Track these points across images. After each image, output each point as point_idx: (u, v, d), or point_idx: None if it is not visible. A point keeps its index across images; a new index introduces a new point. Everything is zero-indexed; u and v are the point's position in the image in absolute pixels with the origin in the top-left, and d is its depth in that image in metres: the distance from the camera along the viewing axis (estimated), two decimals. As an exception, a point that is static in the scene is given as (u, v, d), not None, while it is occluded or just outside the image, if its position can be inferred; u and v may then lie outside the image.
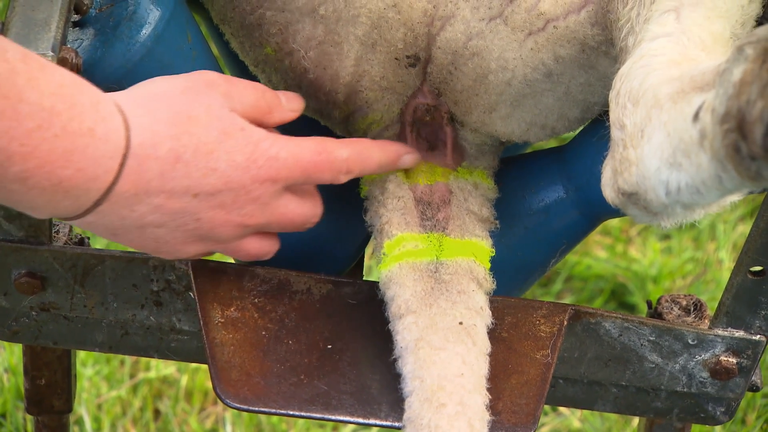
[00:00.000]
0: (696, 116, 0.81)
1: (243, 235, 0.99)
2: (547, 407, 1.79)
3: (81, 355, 1.77)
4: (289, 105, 1.03)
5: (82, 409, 1.71)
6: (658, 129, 0.85)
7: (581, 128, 1.13)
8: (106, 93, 0.91)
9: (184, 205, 0.94)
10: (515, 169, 1.15)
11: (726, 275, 1.91)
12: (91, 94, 0.89)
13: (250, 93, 1.00)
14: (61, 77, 0.87)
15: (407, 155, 1.08)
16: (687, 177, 0.82)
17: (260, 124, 1.00)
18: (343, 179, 1.02)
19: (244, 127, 0.97)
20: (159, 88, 0.96)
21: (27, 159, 0.84)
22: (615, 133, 0.90)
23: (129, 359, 1.79)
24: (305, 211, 1.02)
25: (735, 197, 0.88)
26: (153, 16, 1.02)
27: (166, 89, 0.95)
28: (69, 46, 1.01)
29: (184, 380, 1.77)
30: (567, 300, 1.98)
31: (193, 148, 0.93)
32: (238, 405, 1.01)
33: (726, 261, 1.98)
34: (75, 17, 1.03)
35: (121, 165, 0.90)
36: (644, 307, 1.16)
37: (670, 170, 0.84)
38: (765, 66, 0.75)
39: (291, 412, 1.02)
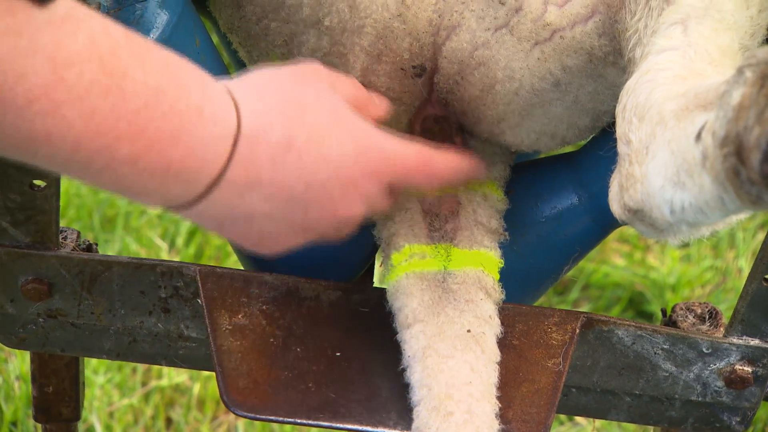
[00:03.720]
0: (698, 136, 0.80)
1: (342, 230, 0.97)
2: (563, 416, 1.78)
3: (93, 362, 1.77)
4: (381, 102, 1.03)
5: (94, 417, 1.71)
6: (663, 147, 0.84)
7: (592, 136, 1.12)
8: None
9: (296, 195, 0.91)
10: (527, 176, 1.14)
11: (745, 284, 1.89)
12: (198, 74, 0.87)
13: (350, 84, 0.99)
14: (166, 56, 0.85)
15: (473, 169, 1.04)
16: (690, 197, 0.82)
17: None
18: (433, 189, 1.00)
19: (353, 116, 0.95)
20: (266, 75, 0.93)
21: (135, 139, 0.82)
22: (621, 147, 0.89)
23: (141, 367, 1.78)
24: (388, 205, 0.99)
25: (741, 216, 0.87)
26: (160, 20, 1.01)
27: (273, 76, 0.93)
28: (76, 50, 1.00)
29: (197, 388, 1.77)
30: (584, 308, 1.96)
31: (305, 135, 0.91)
32: (245, 413, 1.00)
33: (745, 269, 1.96)
34: (82, 22, 1.02)
35: (233, 148, 0.87)
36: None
37: (674, 189, 0.83)
38: (763, 91, 0.74)
39: (298, 420, 1.01)
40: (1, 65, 0.75)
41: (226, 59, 1.33)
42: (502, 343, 1.03)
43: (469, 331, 1.01)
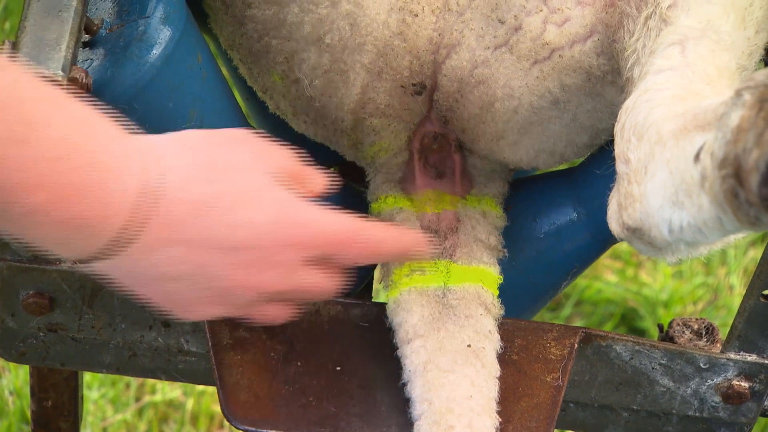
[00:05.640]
0: (697, 157, 0.81)
1: (260, 302, 0.95)
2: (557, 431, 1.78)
3: (86, 377, 1.76)
4: (320, 179, 0.99)
5: (88, 432, 1.71)
6: (661, 166, 0.85)
7: (590, 153, 1.13)
8: (138, 133, 0.89)
9: (206, 258, 0.89)
10: (526, 193, 1.15)
11: (737, 301, 1.90)
12: (115, 130, 0.87)
13: (284, 156, 0.96)
14: (85, 111, 0.85)
15: (421, 246, 1.01)
16: (689, 217, 0.82)
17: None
18: (364, 262, 0.98)
19: (275, 187, 0.92)
20: (194, 136, 0.93)
21: (42, 191, 0.82)
22: (620, 166, 0.90)
23: (135, 382, 1.78)
24: (325, 283, 0.96)
25: (739, 236, 0.88)
26: (163, 36, 1.02)
27: (201, 138, 0.93)
28: (79, 66, 1.00)
29: (190, 404, 1.77)
30: (576, 324, 1.97)
31: (220, 198, 0.89)
32: (246, 427, 1.01)
33: (737, 286, 1.97)
34: (85, 37, 1.03)
35: (140, 204, 0.86)
36: (655, 333, 1.15)
37: (672, 209, 0.84)
38: (761, 114, 0.75)
39: (299, 435, 1.01)
40: None
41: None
42: (502, 357, 1.04)
43: (469, 346, 1.02)
